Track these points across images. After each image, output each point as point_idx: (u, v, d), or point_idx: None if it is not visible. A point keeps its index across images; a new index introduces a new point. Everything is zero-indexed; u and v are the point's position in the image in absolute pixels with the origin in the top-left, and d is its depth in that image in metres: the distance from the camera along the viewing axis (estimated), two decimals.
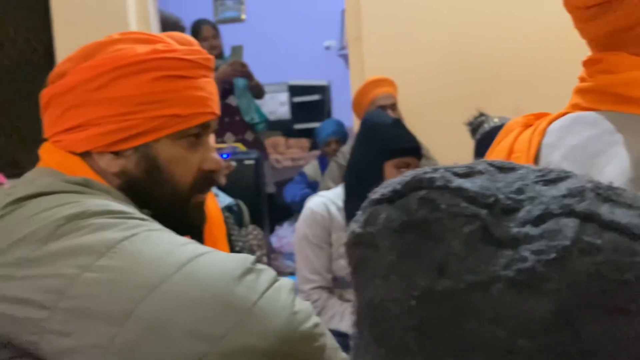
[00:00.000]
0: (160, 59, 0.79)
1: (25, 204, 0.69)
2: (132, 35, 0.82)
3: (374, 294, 0.32)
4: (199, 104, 0.82)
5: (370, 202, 0.34)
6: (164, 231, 0.70)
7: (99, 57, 0.79)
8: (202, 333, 0.58)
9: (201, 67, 0.83)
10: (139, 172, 0.80)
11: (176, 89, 0.80)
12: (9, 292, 0.63)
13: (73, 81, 0.78)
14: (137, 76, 0.78)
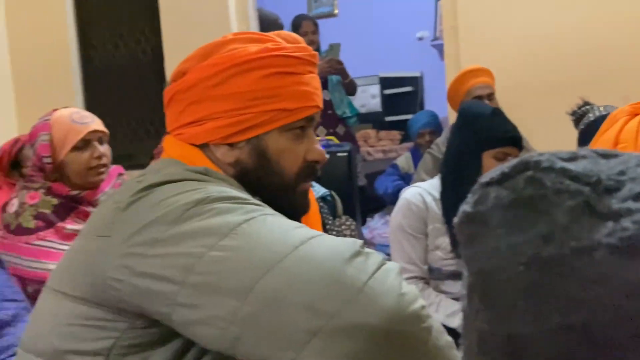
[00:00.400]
0: (270, 56, 0.84)
1: (155, 191, 0.76)
2: (245, 35, 0.88)
3: (485, 263, 0.35)
4: (305, 98, 0.87)
5: (480, 184, 0.37)
6: (278, 215, 0.75)
7: (215, 57, 0.85)
8: (316, 308, 0.62)
9: (307, 64, 0.88)
10: (250, 162, 0.86)
11: (285, 85, 0.85)
12: (142, 268, 0.70)
13: (193, 79, 0.85)
14: (250, 73, 0.84)
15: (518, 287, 0.33)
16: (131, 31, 3.78)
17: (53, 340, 0.74)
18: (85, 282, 0.74)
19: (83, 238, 0.80)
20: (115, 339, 0.72)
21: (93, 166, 1.62)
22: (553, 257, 0.32)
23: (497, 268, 0.34)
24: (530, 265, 0.32)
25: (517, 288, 0.33)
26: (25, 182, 1.66)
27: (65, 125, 1.61)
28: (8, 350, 1.21)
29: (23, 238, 1.57)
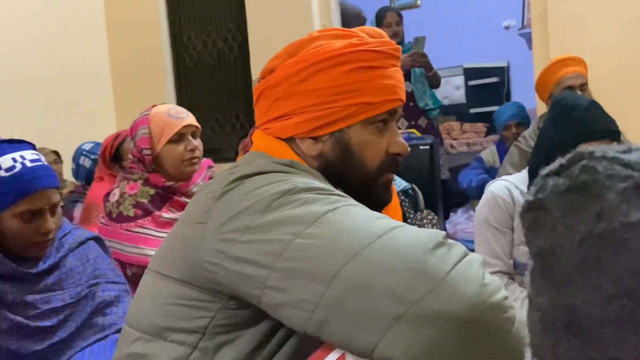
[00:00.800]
0: (354, 52, 0.86)
1: (245, 182, 0.80)
2: (330, 32, 0.91)
3: (544, 243, 0.39)
4: (388, 91, 0.88)
5: (541, 176, 0.42)
6: (360, 206, 0.77)
7: (301, 54, 0.88)
8: (399, 295, 0.63)
9: (390, 57, 0.90)
10: (333, 155, 0.89)
11: (368, 79, 0.87)
12: (235, 252, 0.74)
13: (280, 76, 0.89)
14: (334, 68, 0.86)
15: (574, 262, 0.37)
16: (219, 30, 3.93)
17: (155, 318, 0.80)
18: (183, 265, 0.80)
19: (181, 224, 0.85)
20: (210, 318, 0.77)
21: (187, 158, 1.72)
22: (605, 233, 0.36)
23: (555, 245, 0.38)
24: (584, 242, 0.36)
25: (574, 262, 0.37)
26: (126, 174, 1.79)
27: (163, 120, 1.71)
28: (111, 327, 1.32)
29: (123, 225, 1.69)
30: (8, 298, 1.23)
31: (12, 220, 1.21)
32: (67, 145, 3.25)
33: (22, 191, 1.20)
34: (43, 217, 1.24)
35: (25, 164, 1.22)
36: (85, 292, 1.32)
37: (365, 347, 0.64)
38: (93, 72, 3.92)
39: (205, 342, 0.76)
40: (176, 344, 0.78)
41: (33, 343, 1.24)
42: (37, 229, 1.23)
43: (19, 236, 1.22)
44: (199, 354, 0.76)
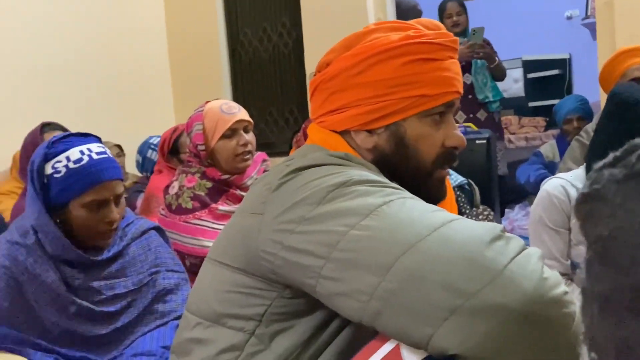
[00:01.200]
0: (411, 44, 0.86)
1: (301, 174, 0.81)
2: (386, 25, 0.91)
3: (602, 229, 0.40)
4: (445, 84, 0.87)
5: (594, 170, 0.42)
6: (416, 199, 0.77)
7: (358, 47, 0.88)
8: (455, 288, 0.63)
9: (448, 49, 0.88)
10: (388, 148, 0.88)
11: (425, 71, 0.86)
12: (291, 242, 0.75)
13: (336, 69, 0.89)
14: (391, 61, 0.86)
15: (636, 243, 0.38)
16: (274, 25, 3.98)
17: (214, 305, 0.83)
18: (241, 254, 0.82)
19: (239, 215, 0.87)
20: (266, 306, 0.78)
21: (239, 153, 1.75)
22: None
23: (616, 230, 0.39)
24: None
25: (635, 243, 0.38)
26: (184, 167, 1.85)
27: (216, 116, 1.75)
28: (170, 314, 1.37)
29: (182, 217, 1.75)
30: (75, 283, 1.29)
31: (79, 210, 1.27)
32: (129, 139, 3.37)
33: (89, 182, 1.25)
34: (108, 207, 1.29)
35: (92, 156, 1.27)
36: (146, 280, 1.37)
37: (420, 338, 0.64)
38: (153, 69, 4.04)
39: (261, 329, 0.78)
40: (234, 330, 0.80)
41: (98, 327, 1.30)
42: (103, 219, 1.29)
43: (86, 226, 1.28)
44: (256, 341, 0.78)
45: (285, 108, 4.04)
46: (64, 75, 3.44)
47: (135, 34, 3.90)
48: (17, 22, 3.24)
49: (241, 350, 0.79)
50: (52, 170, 1.26)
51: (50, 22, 3.39)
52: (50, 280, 1.26)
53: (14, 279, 1.26)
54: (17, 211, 2.10)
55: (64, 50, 3.45)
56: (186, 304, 0.91)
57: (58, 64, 3.40)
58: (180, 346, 0.88)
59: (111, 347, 1.31)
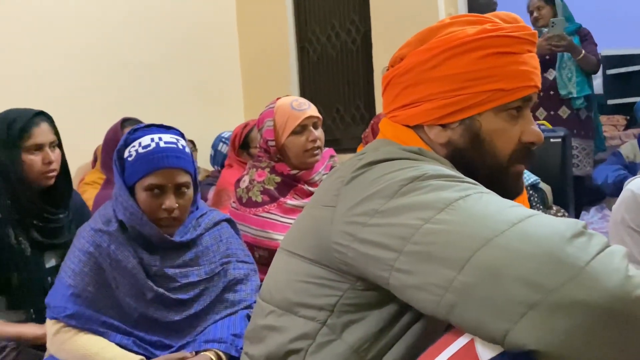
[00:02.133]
0: (488, 37, 0.85)
1: (374, 167, 0.81)
2: (462, 18, 0.90)
3: None
4: (522, 78, 0.86)
5: None
6: (492, 194, 0.75)
7: (433, 40, 0.87)
8: (535, 283, 0.61)
9: (526, 43, 0.87)
10: (463, 142, 0.87)
11: (501, 65, 0.85)
12: (363, 235, 0.75)
13: (410, 63, 0.89)
14: (467, 55, 0.85)
15: None
16: (342, 22, 3.99)
17: (287, 294, 0.85)
18: (313, 246, 0.83)
19: (311, 207, 0.88)
20: (338, 297, 0.80)
21: (308, 149, 1.78)
22: None
23: None
24: None
25: None
26: (254, 162, 1.89)
27: (286, 112, 1.78)
28: (240, 303, 1.41)
29: (252, 210, 1.79)
30: (152, 271, 1.35)
31: (141, 193, 1.33)
32: (201, 135, 3.49)
33: (149, 166, 1.31)
34: (166, 194, 1.33)
35: (159, 144, 1.33)
36: (218, 270, 1.42)
37: (496, 333, 0.63)
38: (224, 67, 4.16)
39: (333, 319, 0.79)
40: (306, 319, 0.81)
41: (172, 313, 1.36)
42: (160, 205, 1.33)
43: (146, 209, 1.33)
44: (328, 330, 0.79)
45: (352, 105, 4.04)
46: (142, 74, 3.60)
47: (208, 33, 4.02)
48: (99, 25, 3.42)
49: (313, 339, 0.80)
50: (128, 154, 1.34)
51: (127, 25, 3.56)
52: (131, 266, 1.33)
53: (97, 265, 1.34)
54: (99, 200, 2.21)
55: (143, 51, 3.61)
56: (259, 292, 0.93)
57: (136, 64, 3.57)
58: (253, 332, 0.90)
59: (184, 333, 1.37)
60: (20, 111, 1.63)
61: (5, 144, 1.58)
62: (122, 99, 3.43)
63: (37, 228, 1.63)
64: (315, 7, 4.09)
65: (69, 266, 1.35)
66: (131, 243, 1.35)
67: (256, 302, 0.94)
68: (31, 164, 1.60)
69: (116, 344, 1.30)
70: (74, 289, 1.32)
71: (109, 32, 3.45)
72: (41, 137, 1.62)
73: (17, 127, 1.59)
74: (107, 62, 3.42)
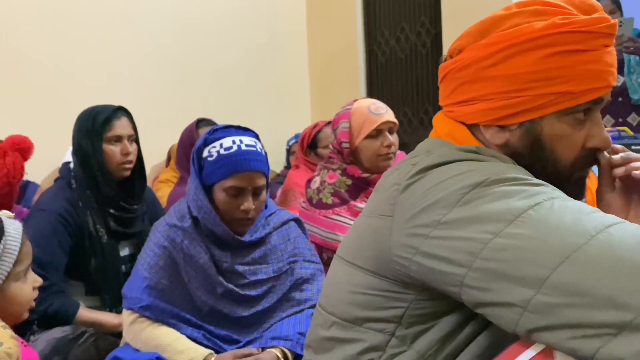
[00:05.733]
0: (556, 33, 0.76)
1: (430, 173, 0.75)
2: (530, 8, 0.80)
3: None
4: (592, 78, 0.77)
5: None
6: (565, 197, 0.69)
7: (494, 35, 0.79)
8: (622, 302, 0.58)
9: (602, 37, 0.77)
10: (521, 146, 0.80)
11: (570, 65, 0.77)
12: (426, 248, 0.71)
13: (468, 58, 0.81)
14: (531, 53, 0.77)
15: None
16: (412, 24, 3.95)
17: (350, 306, 0.81)
18: (373, 257, 0.79)
19: (368, 215, 0.83)
20: (404, 309, 0.76)
21: (382, 154, 1.77)
22: None
23: None
24: None
25: None
26: (326, 163, 1.90)
27: (363, 115, 1.78)
28: (306, 302, 1.42)
29: (322, 212, 1.80)
30: (223, 266, 1.39)
31: (220, 193, 1.36)
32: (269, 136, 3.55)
33: (231, 169, 1.34)
34: (245, 196, 1.36)
35: (241, 147, 1.36)
36: (285, 268, 1.44)
37: (586, 351, 0.60)
38: (293, 70, 4.21)
39: (401, 330, 0.76)
40: (374, 332, 0.78)
41: (241, 309, 1.39)
42: (238, 206, 1.36)
43: (224, 209, 1.37)
44: (397, 342, 0.77)
45: (420, 108, 3.99)
46: (216, 76, 3.70)
47: (279, 37, 4.09)
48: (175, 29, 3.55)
49: (383, 351, 0.77)
50: (207, 154, 1.37)
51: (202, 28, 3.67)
52: (203, 261, 1.37)
53: (172, 259, 1.39)
54: (173, 197, 2.30)
55: (217, 54, 3.71)
56: (319, 301, 0.90)
57: (210, 66, 3.67)
58: (318, 343, 0.87)
59: (252, 329, 1.40)
60: (104, 106, 1.76)
61: (90, 134, 1.70)
62: (196, 101, 3.55)
63: (114, 217, 1.72)
64: (384, 9, 4.07)
65: (144, 259, 1.41)
66: (204, 239, 1.39)
67: (316, 309, 0.91)
68: (111, 154, 1.71)
69: (187, 336, 1.35)
70: (149, 281, 1.37)
71: (185, 35, 3.57)
72: (121, 130, 1.73)
73: (101, 118, 1.71)
74: (182, 65, 3.54)
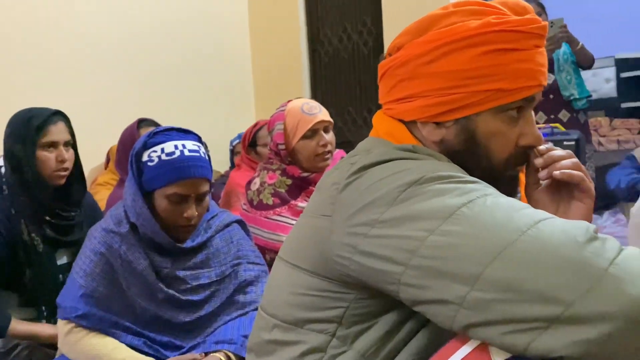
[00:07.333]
0: (490, 32, 0.78)
1: (368, 172, 0.76)
2: (466, 8, 0.82)
3: None
4: (525, 77, 0.80)
5: None
6: (497, 194, 0.71)
7: (432, 32, 0.81)
8: (552, 297, 0.59)
9: (533, 37, 0.80)
10: (456, 143, 0.82)
11: (504, 63, 0.79)
12: (365, 247, 0.72)
13: (407, 55, 0.82)
14: (466, 51, 0.79)
15: None
16: (354, 24, 3.99)
17: (291, 308, 0.81)
18: (313, 257, 0.79)
19: (308, 215, 0.83)
20: (344, 309, 0.76)
21: (319, 153, 1.77)
22: None
23: None
24: None
25: None
26: (265, 164, 1.89)
27: (297, 116, 1.77)
28: (251, 305, 1.41)
29: (263, 213, 1.79)
30: (163, 272, 1.36)
31: (162, 200, 1.32)
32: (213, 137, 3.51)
33: (174, 176, 1.30)
34: (188, 203, 1.33)
35: (184, 152, 1.32)
36: (229, 271, 1.42)
37: (518, 346, 0.61)
38: (237, 68, 4.17)
39: (342, 330, 0.77)
40: (315, 333, 0.78)
41: (183, 314, 1.36)
42: (181, 213, 1.33)
43: (165, 216, 1.33)
44: (338, 342, 0.77)
45: (364, 107, 4.04)
46: (157, 76, 3.62)
47: (221, 37, 4.04)
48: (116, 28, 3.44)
49: (324, 352, 0.77)
50: (147, 158, 1.32)
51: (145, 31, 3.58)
52: (142, 267, 1.34)
53: (109, 265, 1.34)
54: (112, 201, 2.22)
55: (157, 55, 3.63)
56: (261, 303, 0.90)
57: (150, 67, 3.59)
58: (259, 346, 0.86)
59: (195, 333, 1.37)
60: (39, 109, 1.66)
61: (23, 140, 1.61)
62: (138, 101, 3.46)
63: (49, 225, 1.65)
64: (327, 9, 4.09)
65: (80, 266, 1.36)
66: (142, 245, 1.36)
67: (258, 312, 0.90)
68: (45, 161, 1.63)
69: (127, 344, 1.31)
70: (85, 289, 1.33)
71: (127, 34, 3.48)
72: (57, 135, 1.64)
73: (35, 123, 1.62)
74: (125, 65, 3.45)
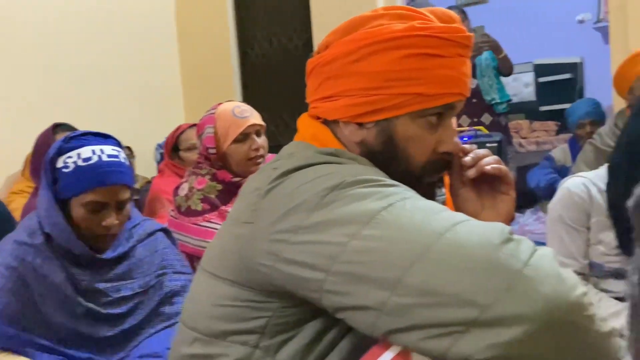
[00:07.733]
0: (415, 36, 0.78)
1: (290, 177, 0.75)
2: (394, 11, 0.83)
3: None
4: (446, 83, 0.80)
5: None
6: (416, 197, 0.71)
7: (359, 32, 0.81)
8: (469, 300, 0.59)
9: (457, 46, 0.81)
10: (376, 144, 0.82)
11: (425, 67, 0.79)
12: (287, 254, 0.70)
13: (333, 54, 0.82)
14: (390, 52, 0.79)
15: None
16: (284, 28, 3.98)
17: (212, 320, 0.78)
18: (235, 266, 0.77)
19: (230, 224, 0.81)
20: (267, 318, 0.74)
21: (251, 157, 1.74)
22: None
23: None
24: None
25: None
26: (194, 169, 1.84)
27: (228, 120, 1.73)
28: (177, 316, 1.36)
29: (192, 219, 1.74)
30: (82, 285, 1.29)
31: (79, 209, 1.25)
32: (140, 141, 3.39)
33: (91, 183, 1.23)
34: (107, 211, 1.26)
35: (102, 157, 1.25)
36: (153, 282, 1.37)
37: (438, 351, 0.61)
38: (164, 72, 4.06)
39: (265, 341, 0.75)
40: (237, 345, 0.76)
41: (105, 329, 1.30)
42: (99, 222, 1.26)
43: (83, 225, 1.26)
44: (261, 353, 0.75)
45: (296, 111, 4.03)
46: (77, 79, 3.46)
47: (146, 36, 3.92)
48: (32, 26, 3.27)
49: None
50: (63, 164, 1.25)
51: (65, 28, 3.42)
52: (58, 280, 1.26)
53: (21, 280, 1.26)
54: (27, 210, 2.10)
55: (77, 55, 3.47)
56: (181, 316, 0.86)
57: (70, 68, 3.42)
58: None
59: (118, 348, 1.31)
60: None
61: None
62: (54, 105, 3.28)
63: None
64: (256, 12, 4.06)
65: None
66: (58, 257, 1.28)
67: (178, 325, 0.86)
68: None
69: None
70: None
71: (42, 31, 3.30)
72: None
73: None
74: (43, 65, 3.27)
